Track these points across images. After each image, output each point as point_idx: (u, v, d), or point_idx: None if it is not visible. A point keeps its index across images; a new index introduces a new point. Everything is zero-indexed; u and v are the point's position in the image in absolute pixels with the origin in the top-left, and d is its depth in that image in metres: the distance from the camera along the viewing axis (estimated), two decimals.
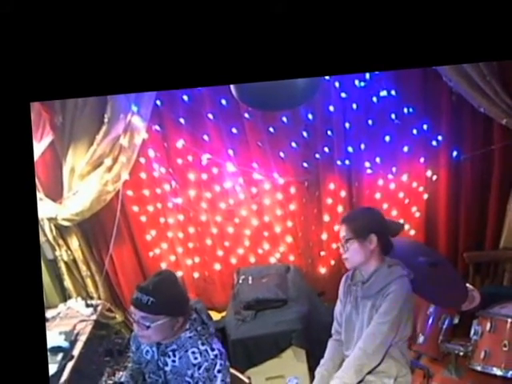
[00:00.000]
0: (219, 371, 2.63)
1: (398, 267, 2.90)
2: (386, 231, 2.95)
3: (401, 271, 2.88)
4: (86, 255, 4.39)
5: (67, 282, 4.42)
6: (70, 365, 3.55)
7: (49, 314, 4.17)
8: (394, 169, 4.28)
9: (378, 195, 4.36)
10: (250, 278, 4.34)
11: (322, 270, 4.62)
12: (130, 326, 2.72)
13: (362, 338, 2.85)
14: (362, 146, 4.19)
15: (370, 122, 4.12)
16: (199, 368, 2.64)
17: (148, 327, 2.57)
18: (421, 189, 4.36)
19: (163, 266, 4.52)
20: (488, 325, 3.43)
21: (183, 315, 2.66)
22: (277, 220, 4.48)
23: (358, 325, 2.94)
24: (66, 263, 4.35)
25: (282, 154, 4.25)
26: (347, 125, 4.13)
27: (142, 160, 4.21)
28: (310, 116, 4.12)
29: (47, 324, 3.99)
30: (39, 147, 3.94)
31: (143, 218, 4.43)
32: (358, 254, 2.88)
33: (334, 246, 4.50)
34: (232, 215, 4.47)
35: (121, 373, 3.76)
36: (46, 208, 4.04)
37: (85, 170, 4.01)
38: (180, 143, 4.16)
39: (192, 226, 4.51)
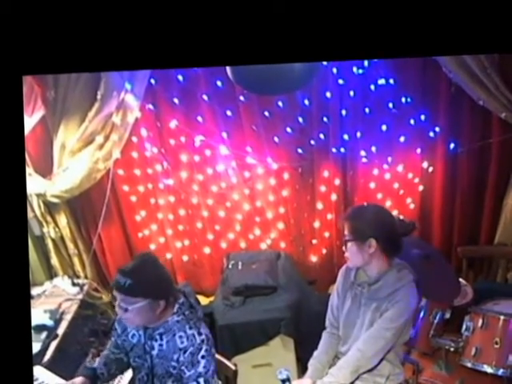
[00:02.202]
0: (203, 357, 2.65)
1: (406, 271, 2.85)
2: (392, 233, 2.84)
3: (409, 276, 2.83)
4: (73, 233, 4.45)
5: (54, 260, 4.47)
6: (54, 344, 3.56)
7: (34, 291, 4.20)
8: (389, 159, 4.32)
9: (372, 185, 4.41)
10: (240, 264, 4.39)
11: (314, 259, 4.67)
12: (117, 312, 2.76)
13: (363, 340, 2.82)
14: (358, 134, 4.23)
15: (366, 110, 4.16)
16: (185, 352, 2.65)
17: (126, 310, 2.59)
18: (416, 180, 4.40)
19: (152, 247, 4.57)
20: (480, 321, 3.42)
21: (165, 299, 2.66)
22: (269, 206, 4.53)
23: (358, 324, 2.91)
24: (53, 240, 4.41)
25: (276, 139, 4.28)
26: (344, 112, 4.17)
27: (134, 139, 4.24)
28: (307, 101, 4.16)
29: (32, 301, 4.02)
30: (30, 122, 3.96)
31: (133, 198, 4.47)
32: (356, 256, 2.83)
33: (327, 234, 4.57)
34: (224, 199, 4.51)
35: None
36: (34, 184, 4.07)
37: (76, 146, 4.04)
38: (173, 123, 4.20)
39: (183, 208, 4.55)
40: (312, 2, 2.36)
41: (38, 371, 3.08)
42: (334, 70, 4.03)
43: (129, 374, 3.46)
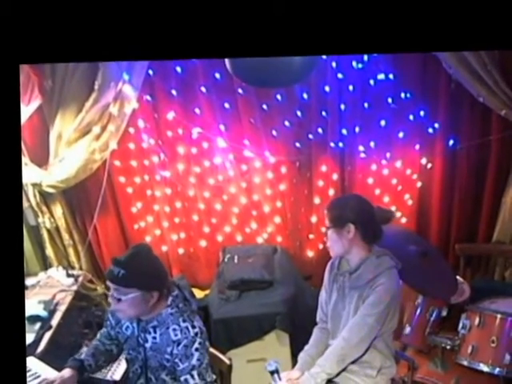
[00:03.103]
0: (197, 349, 2.67)
1: (386, 257, 2.89)
2: (370, 220, 2.89)
3: (390, 262, 2.88)
4: (69, 224, 4.46)
5: (49, 251, 4.48)
6: (47, 335, 3.56)
7: (28, 281, 4.20)
8: (388, 154, 4.34)
9: (370, 180, 4.43)
10: (236, 258, 4.40)
11: (310, 254, 4.70)
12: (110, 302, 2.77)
13: (347, 328, 2.86)
14: (357, 129, 4.25)
15: (365, 104, 4.17)
16: (178, 345, 2.67)
17: (119, 300, 2.62)
18: (414, 176, 4.43)
19: (148, 239, 4.58)
20: (477, 319, 3.43)
21: (158, 290, 2.68)
22: (266, 199, 4.54)
23: (345, 315, 2.94)
24: (48, 231, 4.42)
25: (274, 133, 4.30)
26: (342, 106, 4.18)
27: (131, 130, 4.25)
28: (305, 95, 4.17)
29: (26, 292, 4.03)
30: (27, 111, 3.94)
31: (129, 190, 4.49)
32: (337, 243, 2.89)
33: (324, 229, 4.55)
34: (220, 192, 4.52)
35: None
36: (30, 173, 4.08)
37: (72, 136, 4.05)
38: (171, 115, 4.21)
39: (179, 200, 4.57)
40: None
41: (31, 362, 3.08)
42: (334, 64, 4.04)
43: (122, 366, 3.51)
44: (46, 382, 2.85)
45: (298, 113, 4.25)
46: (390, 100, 4.15)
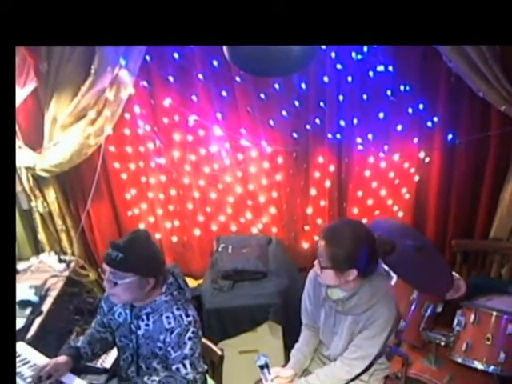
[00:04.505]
0: (190, 338, 2.72)
1: (379, 280, 2.82)
2: (372, 259, 2.75)
3: (384, 285, 2.83)
4: (62, 209, 4.48)
5: (41, 235, 4.51)
6: (38, 320, 3.58)
7: (20, 266, 4.25)
8: (385, 147, 4.35)
9: (367, 173, 4.46)
10: (230, 247, 4.42)
11: (305, 245, 4.74)
12: (103, 285, 2.79)
13: (350, 362, 2.84)
14: (355, 121, 4.26)
15: (364, 96, 4.18)
16: (171, 333, 2.72)
17: (115, 284, 2.65)
18: (412, 170, 4.45)
19: (141, 226, 4.63)
20: (472, 316, 3.46)
21: (154, 277, 2.71)
22: (261, 189, 4.57)
23: (338, 334, 2.93)
24: (41, 215, 4.45)
25: (271, 122, 4.31)
26: (341, 97, 4.18)
27: (127, 116, 4.28)
28: (304, 85, 4.18)
29: (17, 276, 4.09)
30: (22, 93, 3.96)
31: (124, 176, 4.52)
32: (333, 280, 2.76)
33: (319, 221, 4.61)
34: (216, 180, 4.55)
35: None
36: (24, 156, 4.10)
37: (67, 120, 4.06)
38: (167, 102, 4.23)
39: (174, 188, 4.60)
40: None
41: (21, 348, 3.10)
42: (333, 55, 4.04)
43: (113, 354, 3.54)
44: (38, 366, 2.87)
45: (296, 103, 4.26)
46: (389, 92, 4.15)
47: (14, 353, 2.93)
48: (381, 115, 4.23)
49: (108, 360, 3.61)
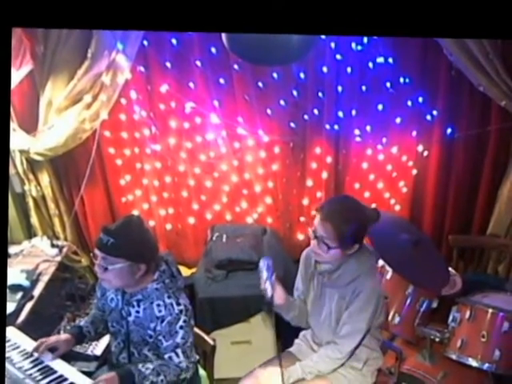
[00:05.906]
0: (181, 327, 2.73)
1: (366, 255, 2.90)
2: (365, 231, 2.85)
3: (370, 261, 2.91)
4: (55, 193, 4.50)
5: (34, 219, 4.53)
6: (28, 305, 3.59)
7: (12, 249, 4.25)
8: (384, 139, 4.38)
9: (365, 165, 4.48)
10: (225, 237, 4.45)
11: (300, 237, 4.77)
12: (95, 270, 2.81)
13: (339, 340, 2.92)
14: (353, 112, 4.28)
15: (363, 87, 4.19)
16: (162, 321, 2.74)
17: (106, 269, 2.67)
18: (410, 163, 4.47)
19: (135, 213, 4.59)
20: (467, 313, 3.43)
21: (146, 263, 2.72)
22: (257, 179, 4.59)
23: (325, 311, 2.99)
24: (34, 199, 4.46)
25: (269, 111, 4.33)
26: (340, 88, 4.20)
27: (123, 101, 4.28)
28: (302, 75, 4.19)
29: (9, 260, 4.08)
30: (17, 75, 3.96)
31: (119, 162, 4.53)
32: (339, 258, 2.83)
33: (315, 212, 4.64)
34: (211, 168, 4.57)
35: (81, 319, 3.70)
36: (18, 139, 4.11)
37: (63, 104, 4.07)
38: (164, 88, 4.24)
39: (169, 175, 4.61)
40: None
41: (11, 332, 3.10)
42: (332, 45, 4.05)
43: (104, 341, 3.59)
44: (40, 340, 2.91)
45: (294, 92, 4.27)
46: (388, 84, 4.17)
47: (4, 337, 2.94)
48: (380, 107, 4.25)
49: (99, 347, 3.66)
